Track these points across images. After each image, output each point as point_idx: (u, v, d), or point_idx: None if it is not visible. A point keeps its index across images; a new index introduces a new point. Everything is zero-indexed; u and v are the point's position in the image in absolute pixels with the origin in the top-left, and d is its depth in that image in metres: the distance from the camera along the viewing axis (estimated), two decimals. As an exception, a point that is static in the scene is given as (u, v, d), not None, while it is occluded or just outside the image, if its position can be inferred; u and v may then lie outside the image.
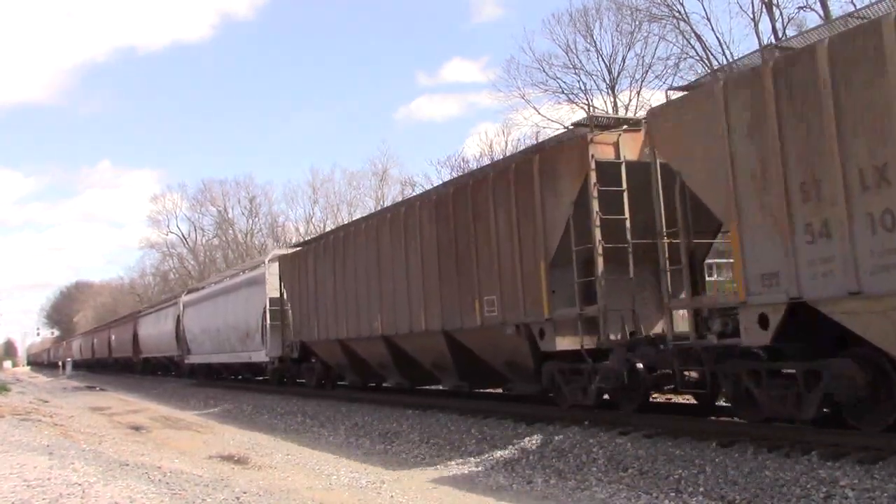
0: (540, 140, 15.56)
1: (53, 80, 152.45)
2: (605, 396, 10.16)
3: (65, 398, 27.85)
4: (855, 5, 22.56)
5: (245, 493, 7.37)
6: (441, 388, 15.23)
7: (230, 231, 64.74)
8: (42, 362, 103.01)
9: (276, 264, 20.37)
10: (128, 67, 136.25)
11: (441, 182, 23.06)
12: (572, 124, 10.70)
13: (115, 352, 48.49)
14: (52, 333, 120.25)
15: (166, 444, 13.07)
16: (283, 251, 22.63)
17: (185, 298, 31.36)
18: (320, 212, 57.61)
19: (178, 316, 31.10)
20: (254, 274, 22.96)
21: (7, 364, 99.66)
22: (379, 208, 27.34)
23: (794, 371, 7.45)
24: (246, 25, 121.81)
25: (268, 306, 20.41)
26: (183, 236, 69.21)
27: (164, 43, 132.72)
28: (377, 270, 14.34)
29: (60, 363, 66.10)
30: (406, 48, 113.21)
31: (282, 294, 19.77)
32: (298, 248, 20.25)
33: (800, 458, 6.95)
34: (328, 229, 31.98)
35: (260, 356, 21.30)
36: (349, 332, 15.50)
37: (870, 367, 6.91)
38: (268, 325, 20.36)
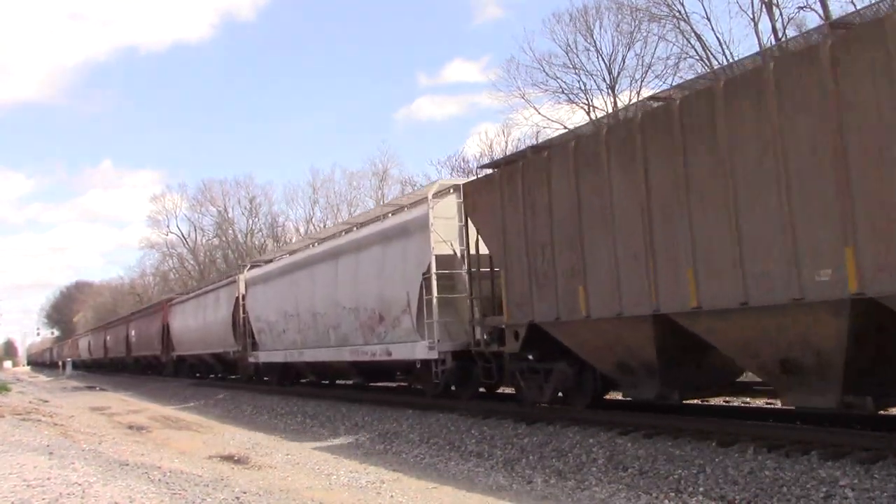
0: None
1: (56, 80, 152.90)
2: None
3: (65, 398, 27.84)
4: (855, 5, 22.54)
5: (245, 493, 7.37)
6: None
7: (230, 231, 64.77)
8: (44, 362, 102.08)
9: (453, 198, 12.75)
10: (130, 67, 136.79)
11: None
12: None
13: (135, 349, 41.18)
14: (52, 333, 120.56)
15: (166, 444, 13.06)
16: (460, 180, 14.21)
17: (248, 274, 23.42)
18: (320, 212, 57.61)
19: (238, 298, 23.59)
20: (402, 220, 14.36)
21: (7, 364, 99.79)
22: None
23: None
24: (247, 26, 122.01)
25: (434, 268, 12.61)
26: (183, 236, 69.26)
27: (166, 43, 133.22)
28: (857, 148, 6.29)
29: (60, 363, 65.82)
30: (407, 49, 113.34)
31: (469, 247, 12.19)
32: (492, 170, 11.75)
33: (800, 458, 6.95)
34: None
35: (415, 351, 13.22)
36: (700, 299, 7.69)
37: None
38: (434, 300, 12.58)
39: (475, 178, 12.56)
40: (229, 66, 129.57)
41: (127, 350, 43.11)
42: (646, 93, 33.05)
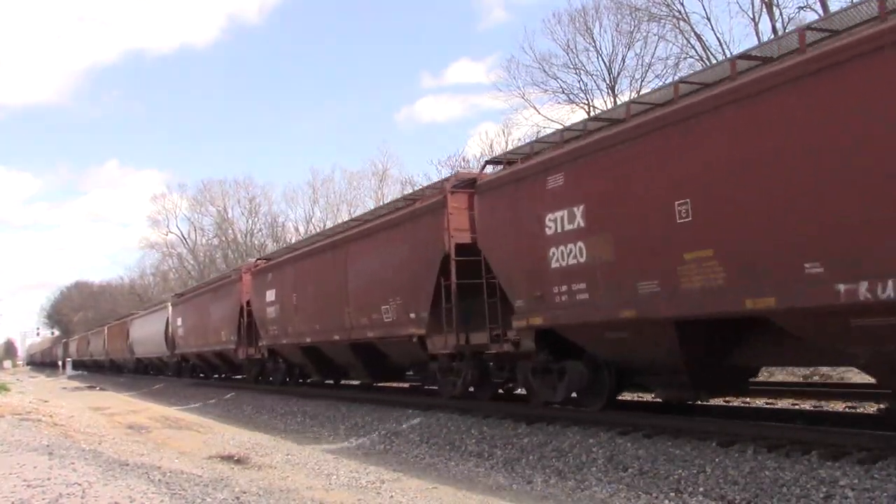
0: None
1: (64, 83, 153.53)
2: None
3: (65, 398, 27.83)
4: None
5: (245, 493, 7.37)
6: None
7: (230, 231, 64.83)
8: (53, 361, 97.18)
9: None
10: (137, 70, 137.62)
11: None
12: None
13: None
14: (53, 333, 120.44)
15: (166, 444, 13.05)
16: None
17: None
18: (320, 212, 57.68)
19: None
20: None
21: (7, 364, 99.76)
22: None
23: None
24: (253, 28, 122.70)
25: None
26: (183, 236, 69.43)
27: (174, 46, 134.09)
28: None
29: (61, 363, 64.92)
30: (411, 50, 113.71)
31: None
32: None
33: (800, 458, 6.95)
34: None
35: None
36: None
37: None
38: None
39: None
40: (234, 67, 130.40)
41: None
42: (646, 93, 33.07)
